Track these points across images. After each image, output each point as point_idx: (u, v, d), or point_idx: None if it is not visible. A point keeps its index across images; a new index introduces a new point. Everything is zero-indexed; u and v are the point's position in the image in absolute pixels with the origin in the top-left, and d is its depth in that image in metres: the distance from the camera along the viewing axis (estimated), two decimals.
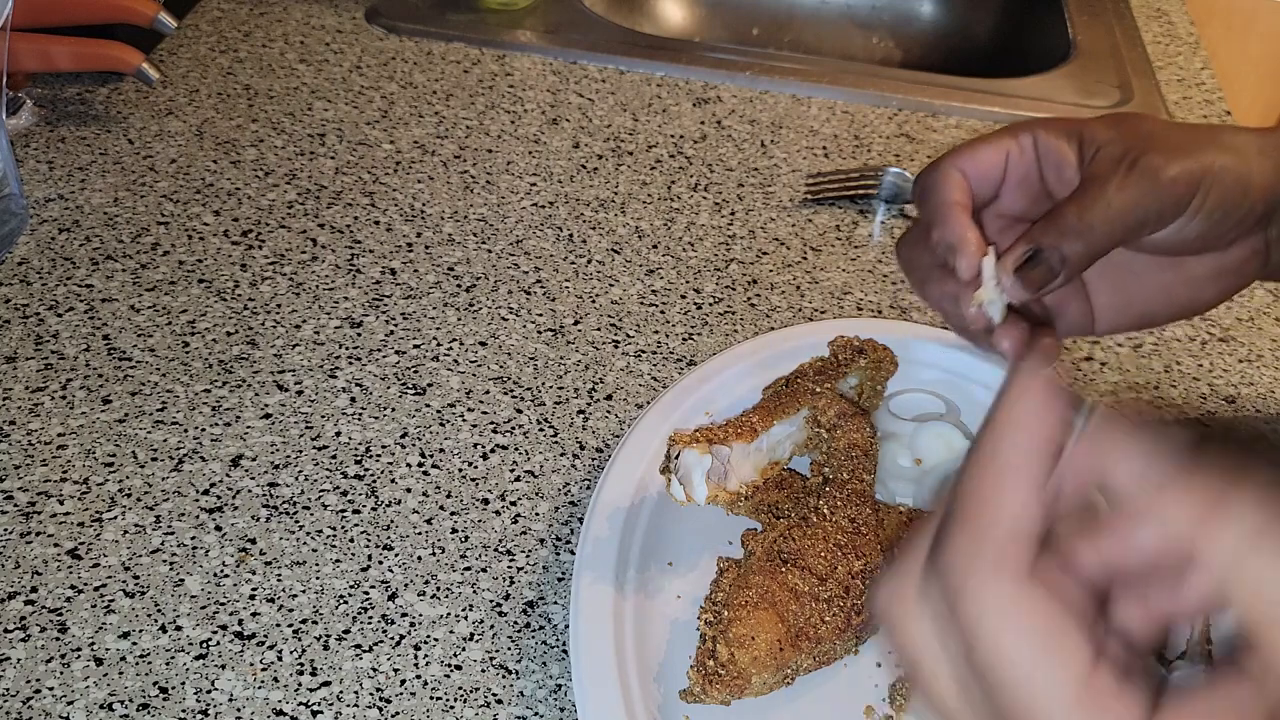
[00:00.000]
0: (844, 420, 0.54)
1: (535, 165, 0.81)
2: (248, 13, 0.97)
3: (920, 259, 0.50)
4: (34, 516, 0.54)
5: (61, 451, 0.57)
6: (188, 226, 0.73)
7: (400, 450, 0.59)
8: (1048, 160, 0.49)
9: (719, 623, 0.46)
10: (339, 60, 0.92)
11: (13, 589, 0.50)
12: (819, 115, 0.90)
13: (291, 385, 0.62)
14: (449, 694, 0.48)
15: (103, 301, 0.66)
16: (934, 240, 0.48)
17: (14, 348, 0.63)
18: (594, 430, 0.61)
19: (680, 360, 0.66)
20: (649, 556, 0.52)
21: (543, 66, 0.93)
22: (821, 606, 0.47)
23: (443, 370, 0.64)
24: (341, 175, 0.79)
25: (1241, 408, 0.67)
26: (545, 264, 0.72)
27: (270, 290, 0.68)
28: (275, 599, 0.51)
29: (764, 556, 0.49)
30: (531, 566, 0.54)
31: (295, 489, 0.56)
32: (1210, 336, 0.72)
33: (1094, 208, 0.45)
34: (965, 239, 0.47)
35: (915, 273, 0.51)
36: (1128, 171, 0.45)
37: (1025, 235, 0.46)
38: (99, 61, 0.78)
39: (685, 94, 0.91)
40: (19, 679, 0.47)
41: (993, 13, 1.19)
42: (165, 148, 0.80)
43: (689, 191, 0.80)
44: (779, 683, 0.47)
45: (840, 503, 0.51)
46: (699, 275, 0.73)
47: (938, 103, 0.92)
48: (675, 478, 0.50)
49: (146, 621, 0.50)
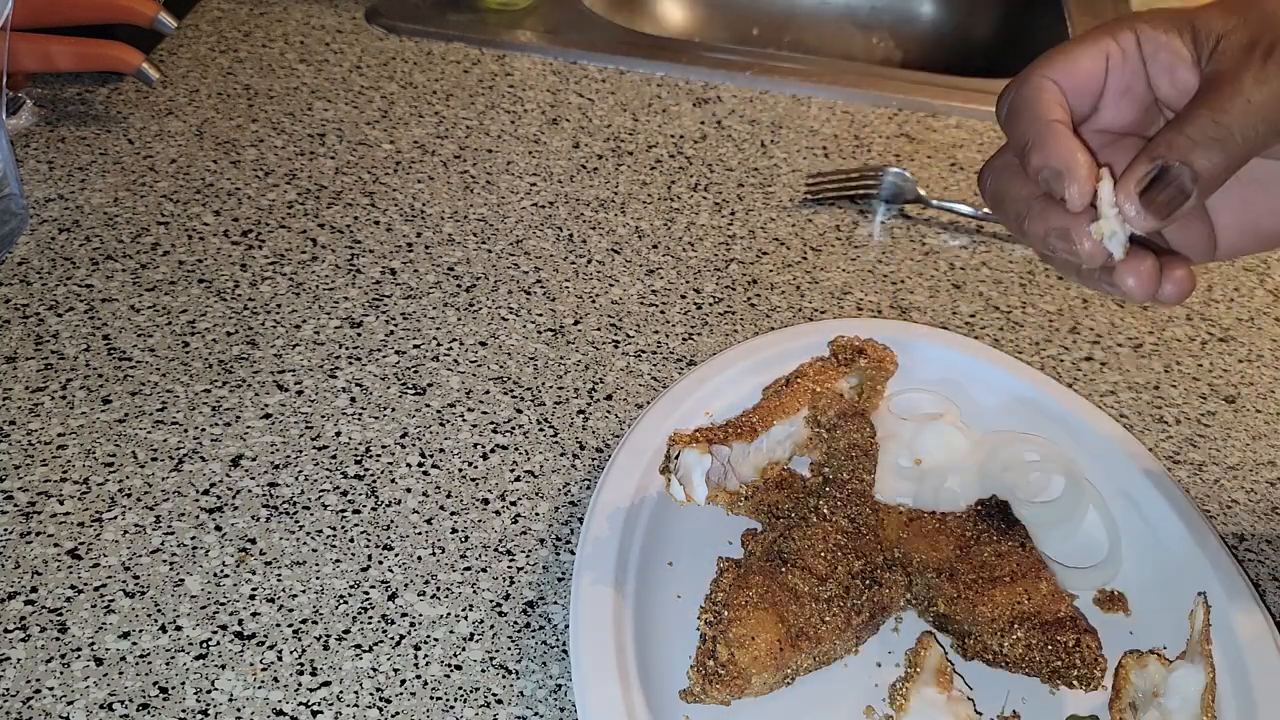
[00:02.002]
0: (844, 420, 0.54)
1: (535, 165, 0.81)
2: (248, 13, 0.97)
3: (1014, 190, 0.43)
4: (34, 516, 0.54)
5: (61, 451, 0.57)
6: (188, 226, 0.73)
7: (400, 450, 0.59)
8: (1156, 61, 0.42)
9: (719, 623, 0.46)
10: (339, 60, 0.92)
11: (13, 589, 0.50)
12: (819, 115, 0.90)
13: (291, 385, 0.62)
14: (449, 694, 0.48)
15: (103, 301, 0.66)
16: (1033, 167, 0.41)
17: (14, 348, 0.63)
18: (594, 430, 0.61)
19: (680, 360, 0.66)
20: (649, 556, 0.52)
21: (543, 66, 0.93)
22: (821, 606, 0.47)
23: (443, 370, 0.64)
24: (341, 175, 0.79)
25: (1241, 407, 0.67)
26: (545, 264, 0.72)
27: (270, 290, 0.68)
28: (275, 599, 0.51)
29: (764, 556, 0.49)
30: (531, 566, 0.54)
31: (295, 489, 0.56)
32: (1210, 336, 0.72)
33: (1230, 108, 0.38)
34: (1075, 162, 0.40)
35: (1008, 207, 0.44)
36: (1264, 61, 0.38)
37: (1146, 150, 0.39)
38: (99, 61, 0.78)
39: (685, 94, 0.91)
40: (19, 679, 0.47)
41: (993, 13, 1.19)
42: (165, 148, 0.80)
43: (689, 191, 0.80)
44: (779, 683, 0.47)
45: (840, 503, 0.51)
46: (699, 275, 0.73)
47: (938, 103, 0.92)
48: (675, 478, 0.50)
49: (146, 621, 0.50)
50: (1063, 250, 0.41)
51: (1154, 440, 0.64)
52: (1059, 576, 0.51)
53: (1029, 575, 0.50)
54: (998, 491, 0.55)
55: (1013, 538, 0.52)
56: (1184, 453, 0.63)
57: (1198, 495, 0.61)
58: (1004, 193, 0.44)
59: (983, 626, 0.48)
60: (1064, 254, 0.42)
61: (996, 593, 0.49)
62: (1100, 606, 0.53)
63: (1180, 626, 0.51)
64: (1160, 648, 0.50)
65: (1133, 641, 0.51)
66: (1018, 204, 0.43)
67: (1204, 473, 0.62)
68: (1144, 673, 0.48)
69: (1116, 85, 0.43)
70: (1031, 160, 0.41)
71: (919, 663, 0.48)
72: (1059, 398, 0.62)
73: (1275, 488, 0.62)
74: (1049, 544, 0.55)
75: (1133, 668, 0.48)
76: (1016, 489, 0.56)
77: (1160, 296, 0.41)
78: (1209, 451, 0.64)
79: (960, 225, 0.79)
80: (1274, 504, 0.61)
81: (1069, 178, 0.40)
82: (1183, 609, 0.51)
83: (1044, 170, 0.40)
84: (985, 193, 0.45)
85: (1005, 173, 0.44)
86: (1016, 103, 0.42)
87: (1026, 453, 0.58)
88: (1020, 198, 0.43)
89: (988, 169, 0.45)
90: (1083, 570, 0.54)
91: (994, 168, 0.44)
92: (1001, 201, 0.44)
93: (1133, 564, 0.55)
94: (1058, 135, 0.40)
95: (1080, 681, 0.47)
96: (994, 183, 0.44)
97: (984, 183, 0.45)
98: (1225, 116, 0.38)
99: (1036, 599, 0.49)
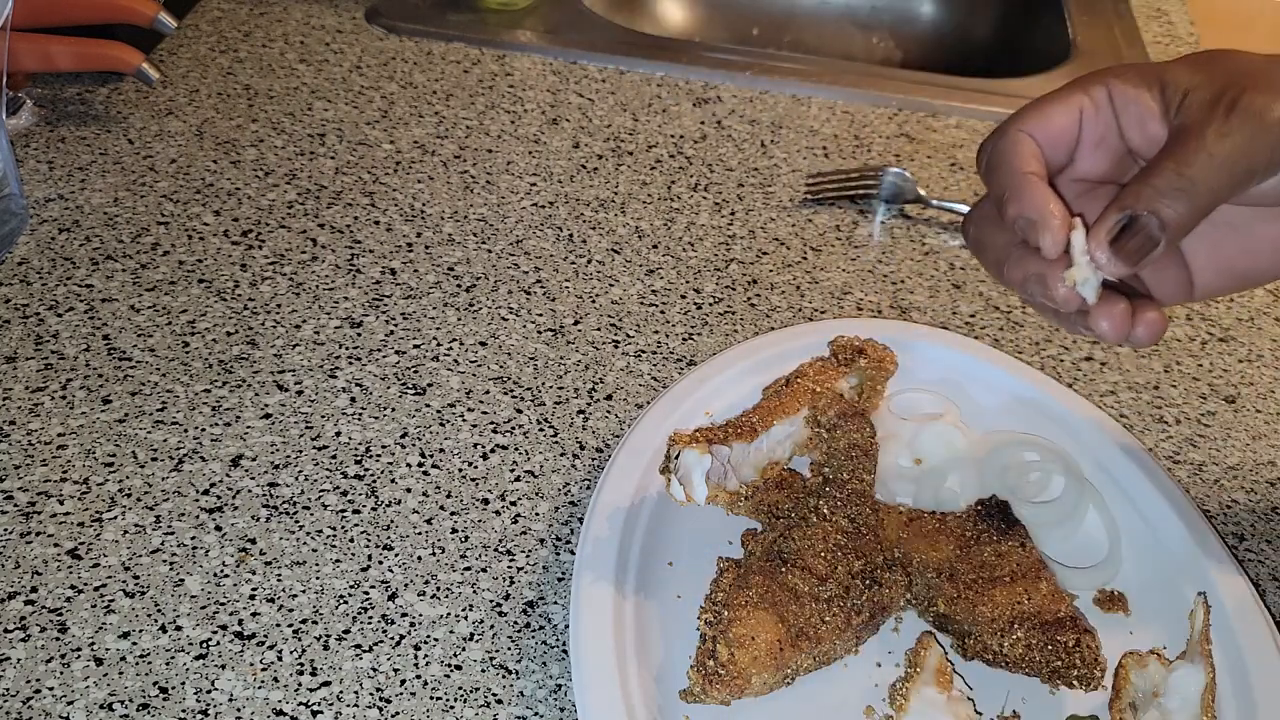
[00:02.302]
0: (844, 420, 0.54)
1: (535, 165, 0.81)
2: (248, 13, 0.97)
3: (993, 238, 0.45)
4: (34, 516, 0.54)
5: (61, 451, 0.57)
6: (188, 226, 0.73)
7: (400, 450, 0.59)
8: (1126, 114, 0.44)
9: (719, 623, 0.46)
10: (339, 60, 0.92)
11: (13, 589, 0.50)
12: (819, 115, 0.90)
13: (291, 385, 0.62)
14: (449, 694, 0.48)
15: (103, 301, 0.66)
16: (1010, 217, 0.43)
17: (14, 348, 0.63)
18: (594, 430, 0.61)
19: (680, 360, 0.66)
20: (649, 556, 0.52)
21: (543, 66, 0.93)
22: (821, 606, 0.47)
23: (443, 370, 0.64)
24: (341, 175, 0.79)
25: (1241, 407, 0.67)
26: (545, 264, 0.72)
27: (270, 290, 0.68)
28: (275, 599, 0.51)
29: (764, 556, 0.49)
30: (531, 566, 0.54)
31: (295, 489, 0.56)
32: (1210, 336, 0.72)
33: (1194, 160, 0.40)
34: (1048, 212, 0.41)
35: (989, 254, 0.46)
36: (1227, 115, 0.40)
37: (1116, 201, 0.41)
38: (99, 61, 0.78)
39: (685, 94, 0.91)
40: (19, 679, 0.47)
41: (993, 13, 1.19)
42: (165, 148, 0.80)
43: (689, 191, 0.80)
44: (779, 683, 0.47)
45: (840, 503, 0.51)
46: (699, 275, 0.73)
47: (938, 103, 0.92)
48: (675, 478, 0.50)
49: (146, 621, 0.50)
50: (1039, 295, 0.43)
51: (1154, 440, 0.64)
52: (1059, 576, 0.51)
53: (1029, 575, 0.50)
54: (998, 491, 0.55)
55: (1013, 538, 0.52)
56: (1184, 453, 0.63)
57: (1198, 495, 0.61)
58: (985, 240, 0.46)
59: (983, 626, 0.48)
60: (1041, 298, 0.43)
61: (996, 593, 0.49)
62: (1100, 606, 0.53)
63: (1180, 626, 0.51)
64: (1160, 648, 0.50)
65: (1133, 641, 0.51)
66: (997, 251, 0.45)
67: (1204, 473, 0.62)
68: (1144, 673, 0.48)
69: (1090, 137, 0.45)
70: (1008, 210, 0.43)
71: (919, 663, 0.48)
72: (1059, 398, 0.62)
73: (1275, 488, 0.62)
74: (1049, 544, 0.55)
75: (1133, 668, 0.48)
76: (1016, 489, 0.56)
77: (1132, 339, 0.43)
78: (1209, 451, 0.64)
79: (960, 225, 0.79)
80: (1274, 504, 0.61)
81: (1043, 227, 0.41)
82: (1183, 609, 0.51)
83: (1019, 220, 0.42)
84: (968, 240, 0.47)
85: (986, 221, 0.45)
86: (994, 156, 0.44)
87: (1026, 453, 0.58)
88: (999, 245, 0.45)
89: (969, 219, 0.47)
90: (1083, 570, 0.54)
91: (975, 217, 0.46)
92: (983, 248, 0.46)
93: (1133, 564, 0.55)
94: (1032, 187, 0.42)
95: (1080, 681, 0.47)
96: (976, 231, 0.46)
97: (967, 231, 0.47)
98: (1189, 170, 0.40)
99: (1036, 599, 0.49)
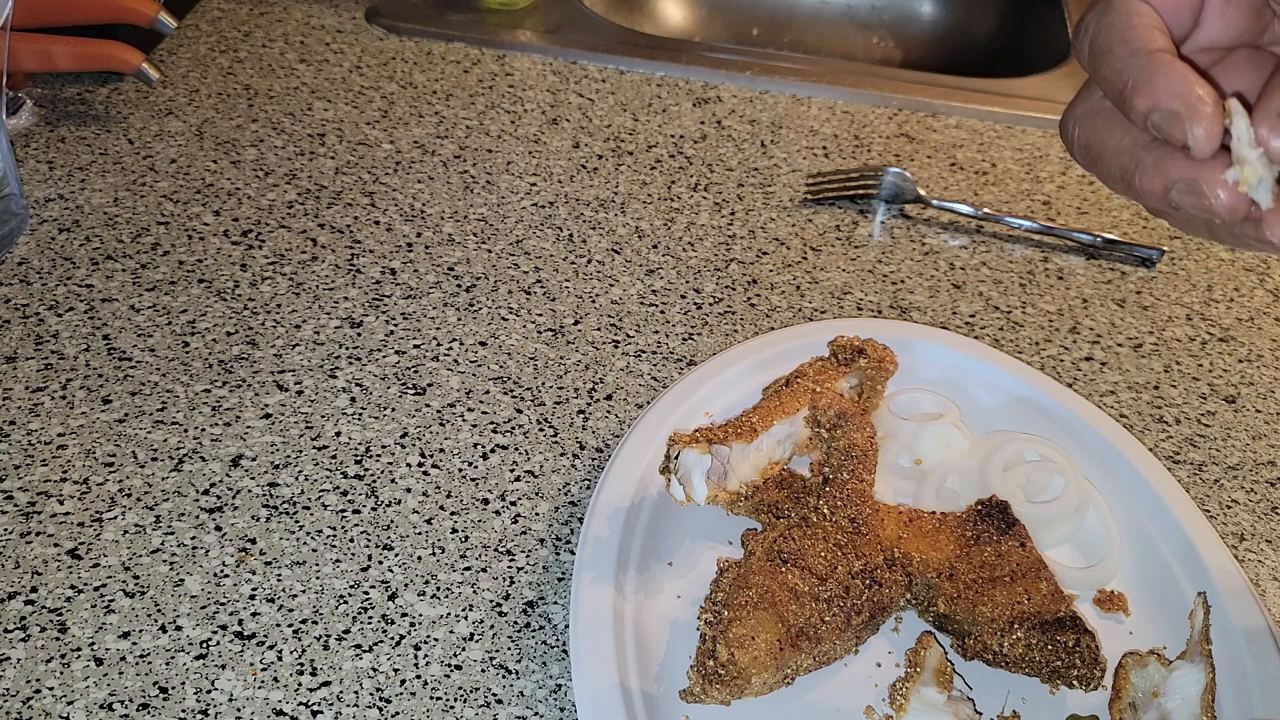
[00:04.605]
0: (844, 420, 0.54)
1: (535, 165, 0.81)
2: (248, 13, 0.97)
3: (1112, 141, 0.35)
4: (34, 516, 0.54)
5: (61, 451, 0.57)
6: (188, 226, 0.73)
7: (400, 450, 0.59)
8: None
9: (719, 623, 0.46)
10: (339, 60, 0.92)
11: (13, 589, 0.50)
12: (819, 115, 0.90)
13: (291, 385, 0.62)
14: (449, 694, 0.48)
15: (103, 301, 0.66)
16: (1139, 111, 0.33)
17: (14, 348, 0.63)
18: (594, 430, 0.61)
19: (680, 360, 0.66)
20: (649, 556, 0.52)
21: (543, 66, 0.93)
22: (821, 606, 0.47)
23: (443, 370, 0.64)
24: (341, 175, 0.79)
25: (1241, 408, 0.67)
26: (545, 264, 0.72)
27: (270, 290, 0.68)
28: (275, 599, 0.51)
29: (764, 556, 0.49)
30: (531, 566, 0.54)
31: (295, 489, 0.56)
32: (1210, 336, 0.72)
33: None
34: (1195, 98, 0.32)
35: (1109, 161, 0.36)
36: None
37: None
38: (99, 61, 0.78)
39: (685, 94, 0.91)
40: (19, 679, 0.47)
41: (993, 13, 1.19)
42: (165, 148, 0.80)
43: (689, 191, 0.80)
44: (779, 683, 0.47)
45: (840, 503, 0.51)
46: (699, 275, 0.73)
47: (938, 103, 0.92)
48: (675, 478, 0.50)
49: (146, 621, 0.50)
50: (1192, 205, 0.33)
51: (1154, 440, 0.64)
52: (1059, 576, 0.51)
53: (1029, 575, 0.50)
54: (998, 491, 0.55)
55: (1013, 538, 0.52)
56: (1184, 453, 0.63)
57: (1198, 495, 0.61)
58: (1100, 145, 0.36)
59: (983, 626, 0.48)
60: (1194, 209, 0.34)
61: (996, 593, 0.49)
62: (1100, 606, 0.53)
63: (1180, 626, 0.51)
64: (1160, 648, 0.50)
65: (1133, 641, 0.51)
66: (1121, 157, 0.35)
67: (1204, 473, 0.62)
68: (1144, 673, 0.48)
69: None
70: (1136, 104, 0.33)
71: (919, 663, 0.48)
72: (1059, 398, 0.62)
73: (1275, 488, 0.62)
74: (1049, 544, 0.55)
75: (1133, 668, 0.48)
76: (1016, 489, 0.56)
77: None
78: (1209, 451, 0.64)
79: (960, 225, 0.79)
80: (1274, 504, 0.61)
81: (1190, 118, 0.32)
82: (1183, 609, 0.51)
83: (1155, 114, 0.32)
84: (1073, 146, 0.37)
85: (1098, 120, 0.36)
86: (1103, 35, 0.34)
87: (1026, 453, 0.58)
88: (1123, 149, 0.35)
89: (1071, 117, 0.37)
90: (1083, 570, 0.54)
91: (1079, 115, 0.37)
92: (1098, 156, 0.36)
93: (1133, 564, 0.55)
94: (1166, 68, 0.32)
95: (1080, 681, 0.47)
96: (1084, 134, 0.36)
97: (1069, 133, 0.37)
98: None
99: (1036, 599, 0.49)
